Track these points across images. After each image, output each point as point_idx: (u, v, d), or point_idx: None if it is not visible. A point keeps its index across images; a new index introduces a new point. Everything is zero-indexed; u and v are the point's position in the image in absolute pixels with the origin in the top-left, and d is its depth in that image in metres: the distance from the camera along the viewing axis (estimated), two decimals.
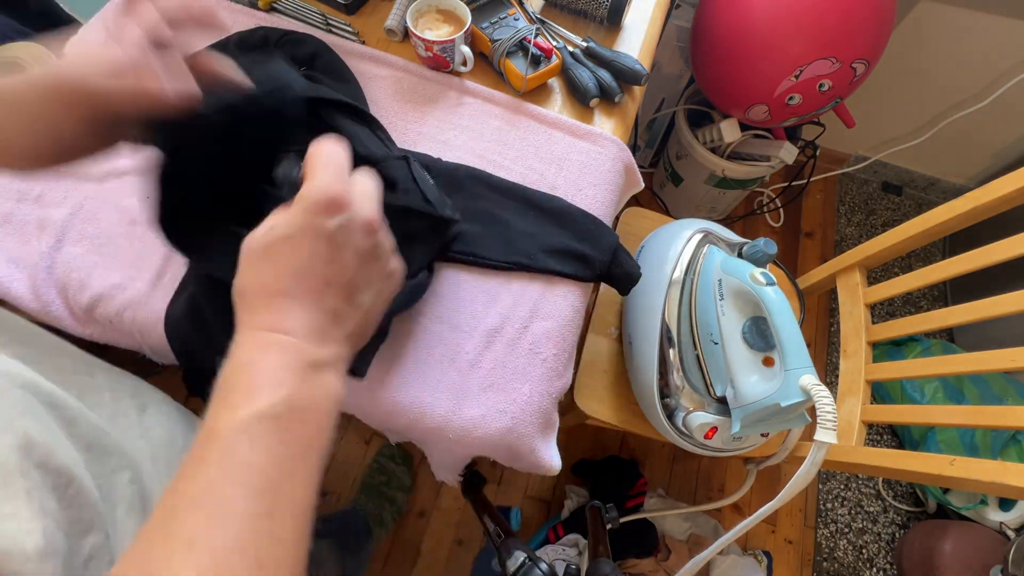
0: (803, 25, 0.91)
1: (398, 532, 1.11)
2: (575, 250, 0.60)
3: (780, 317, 0.57)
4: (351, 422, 1.19)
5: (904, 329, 0.76)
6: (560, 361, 0.58)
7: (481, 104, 0.70)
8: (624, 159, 0.70)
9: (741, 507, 1.22)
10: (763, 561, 1.14)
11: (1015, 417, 0.58)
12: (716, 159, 1.22)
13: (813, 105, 1.01)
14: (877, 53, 0.96)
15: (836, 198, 1.63)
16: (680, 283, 0.69)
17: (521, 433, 0.54)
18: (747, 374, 0.61)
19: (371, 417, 0.55)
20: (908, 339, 1.34)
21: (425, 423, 0.53)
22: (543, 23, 0.76)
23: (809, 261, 1.54)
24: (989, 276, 0.75)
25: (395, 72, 0.71)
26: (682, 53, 1.20)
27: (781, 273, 0.92)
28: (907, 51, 1.25)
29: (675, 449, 1.25)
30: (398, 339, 0.56)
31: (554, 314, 0.59)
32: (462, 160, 0.66)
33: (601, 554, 0.73)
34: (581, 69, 0.70)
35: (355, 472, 1.15)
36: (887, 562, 1.20)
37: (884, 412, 0.74)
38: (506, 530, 0.68)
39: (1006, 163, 1.41)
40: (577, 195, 0.65)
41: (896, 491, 1.27)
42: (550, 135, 0.68)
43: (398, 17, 0.71)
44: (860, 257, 0.83)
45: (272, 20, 0.73)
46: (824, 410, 0.50)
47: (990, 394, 1.17)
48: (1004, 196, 0.64)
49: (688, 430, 0.67)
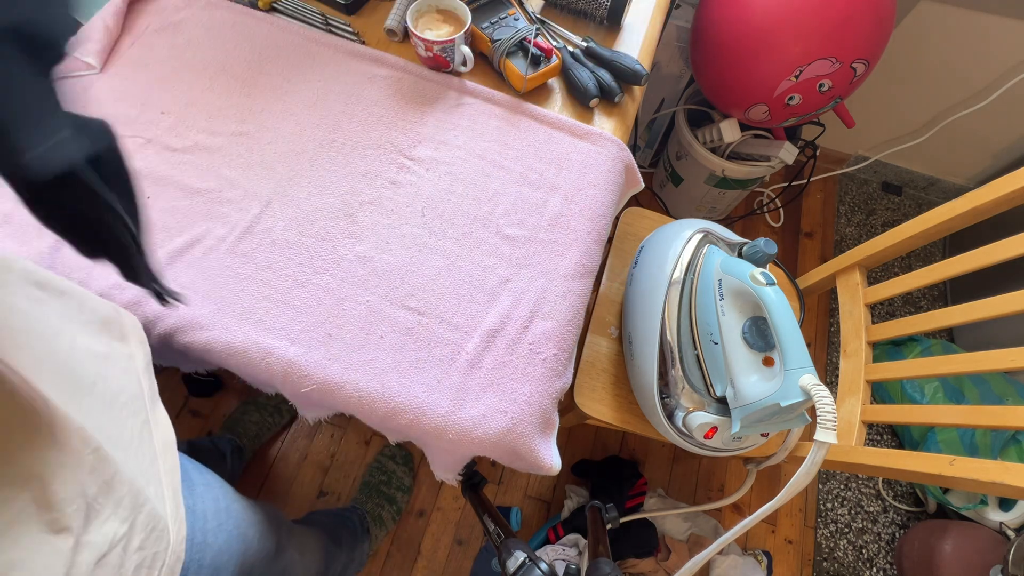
0: (803, 25, 0.91)
1: (398, 532, 1.11)
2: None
3: (780, 317, 0.57)
4: (351, 422, 1.19)
5: (904, 329, 0.76)
6: (560, 361, 0.58)
7: (481, 104, 0.70)
8: (624, 159, 0.70)
9: (741, 507, 1.22)
10: (763, 561, 1.14)
11: (1015, 417, 0.58)
12: (716, 159, 1.22)
13: (813, 105, 1.01)
14: (877, 53, 0.96)
15: (836, 198, 1.63)
16: (680, 283, 0.69)
17: (521, 433, 0.54)
18: (747, 374, 0.61)
19: (371, 417, 0.55)
20: (908, 339, 1.34)
21: (425, 423, 0.53)
22: (543, 23, 0.76)
23: (809, 261, 1.53)
24: (989, 276, 0.75)
25: (395, 72, 0.71)
26: (682, 53, 1.20)
27: (781, 273, 0.92)
28: (907, 51, 1.25)
29: (675, 449, 1.25)
30: (398, 339, 0.56)
31: (554, 314, 0.59)
32: (462, 160, 0.66)
33: (601, 554, 0.73)
34: (581, 69, 0.70)
35: (355, 472, 1.15)
36: (887, 562, 1.20)
37: (884, 412, 0.74)
38: (506, 530, 0.68)
39: (1006, 163, 1.41)
40: (577, 195, 0.65)
41: (896, 491, 1.27)
42: (550, 135, 0.68)
43: (398, 17, 0.71)
44: (860, 257, 0.83)
45: (272, 20, 0.73)
46: (824, 410, 0.50)
47: (990, 394, 1.17)
48: (1004, 196, 0.64)
49: (688, 430, 0.67)
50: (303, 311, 0.57)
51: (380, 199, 0.63)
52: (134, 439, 0.38)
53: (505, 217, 0.64)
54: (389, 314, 0.57)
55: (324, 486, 1.13)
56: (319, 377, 0.54)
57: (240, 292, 0.57)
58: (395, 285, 0.59)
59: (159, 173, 0.62)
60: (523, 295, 0.60)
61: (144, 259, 0.38)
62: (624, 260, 0.91)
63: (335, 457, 1.16)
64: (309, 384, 0.54)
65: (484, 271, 0.61)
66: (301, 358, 0.54)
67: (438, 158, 0.66)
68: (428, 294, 0.59)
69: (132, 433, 0.39)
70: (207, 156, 0.64)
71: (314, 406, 0.59)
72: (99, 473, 0.33)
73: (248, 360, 0.54)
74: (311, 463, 1.15)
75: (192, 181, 0.62)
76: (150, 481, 0.39)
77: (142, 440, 0.40)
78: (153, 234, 0.59)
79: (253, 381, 0.58)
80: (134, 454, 0.38)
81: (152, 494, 0.39)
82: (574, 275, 0.62)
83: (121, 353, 0.41)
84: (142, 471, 0.38)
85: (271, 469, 1.14)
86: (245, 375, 0.57)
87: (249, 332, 0.55)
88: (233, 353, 0.54)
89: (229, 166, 0.63)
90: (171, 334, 0.55)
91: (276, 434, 1.16)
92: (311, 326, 0.56)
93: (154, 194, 0.61)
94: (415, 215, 0.63)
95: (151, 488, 0.39)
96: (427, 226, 0.62)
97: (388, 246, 0.61)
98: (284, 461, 1.15)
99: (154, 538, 0.37)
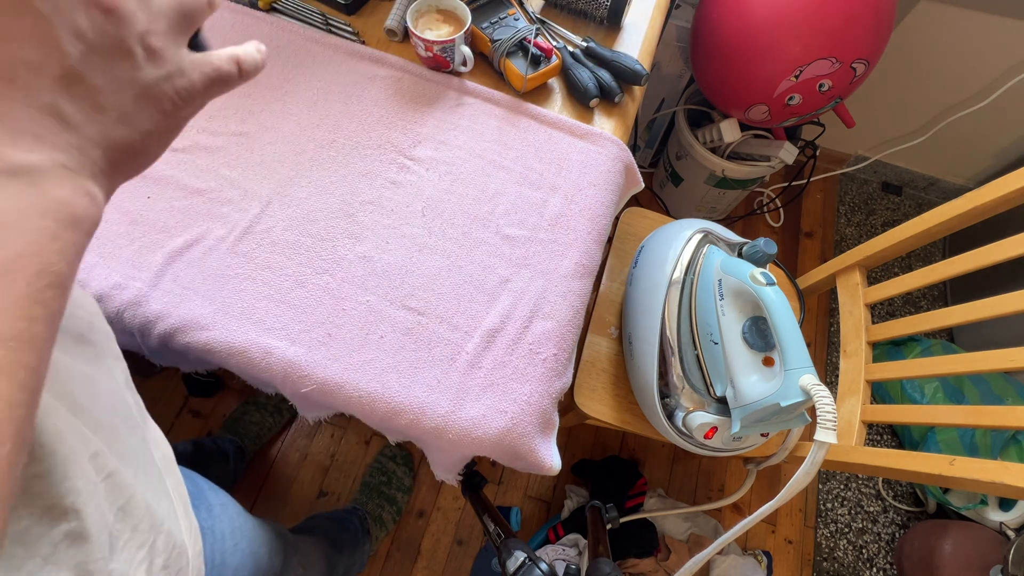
0: (803, 25, 0.91)
1: (398, 532, 1.11)
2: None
3: (780, 317, 0.57)
4: (351, 422, 1.19)
5: (904, 329, 0.76)
6: (560, 361, 0.58)
7: (481, 104, 0.70)
8: (624, 159, 0.70)
9: (741, 507, 1.22)
10: (763, 561, 1.14)
11: (1015, 417, 0.58)
12: (716, 159, 1.22)
13: (813, 105, 1.01)
14: (877, 53, 0.96)
15: (836, 198, 1.63)
16: (680, 283, 0.69)
17: (521, 433, 0.54)
18: (747, 374, 0.61)
19: (371, 417, 0.55)
20: (908, 339, 1.34)
21: (425, 423, 0.53)
22: (543, 23, 0.76)
23: (809, 261, 1.53)
24: (989, 276, 0.75)
25: (395, 72, 0.71)
26: (682, 53, 1.20)
27: (781, 273, 0.92)
28: (907, 51, 1.25)
29: (675, 449, 1.25)
30: (398, 339, 0.56)
31: (554, 314, 0.59)
32: (462, 160, 0.66)
33: (601, 554, 0.73)
34: (581, 69, 0.70)
35: (355, 472, 1.15)
36: (887, 562, 1.20)
37: (884, 412, 0.74)
38: (506, 530, 0.68)
39: (1006, 163, 1.41)
40: (577, 195, 0.65)
41: (896, 491, 1.27)
42: (550, 135, 0.68)
43: (398, 17, 0.71)
44: (860, 257, 0.83)
45: (272, 20, 0.73)
46: (824, 410, 0.50)
47: (990, 394, 1.17)
48: (1004, 196, 0.64)
49: (688, 430, 0.67)
50: (303, 311, 0.57)
51: (380, 199, 0.63)
52: (136, 458, 0.37)
53: (505, 217, 0.64)
54: (389, 314, 0.57)
55: (324, 486, 1.13)
56: (319, 377, 0.54)
57: (240, 292, 0.57)
58: (395, 285, 0.59)
59: (159, 173, 0.62)
60: (523, 295, 0.60)
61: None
62: (624, 260, 0.91)
63: (335, 457, 1.16)
64: (309, 384, 0.54)
65: (484, 271, 0.61)
66: (301, 358, 0.54)
67: (438, 158, 0.66)
68: (428, 294, 0.59)
69: (134, 452, 0.37)
70: (207, 156, 0.64)
71: (314, 406, 0.59)
72: (114, 499, 0.32)
73: (248, 360, 0.54)
74: (311, 463, 1.15)
75: (192, 181, 0.62)
76: (161, 499, 0.38)
77: (144, 458, 0.39)
78: (153, 234, 0.59)
79: (253, 381, 0.58)
80: (143, 474, 0.37)
81: (165, 512, 0.38)
82: (574, 275, 0.62)
83: (101, 370, 0.39)
84: (152, 489, 0.38)
85: (271, 469, 1.14)
86: (245, 375, 0.57)
87: (249, 332, 0.55)
88: (233, 353, 0.54)
89: (229, 166, 0.63)
90: (171, 334, 0.55)
91: (276, 434, 1.16)
92: (311, 326, 0.56)
93: (154, 194, 0.61)
94: (415, 215, 0.63)
95: (163, 505, 0.38)
96: (427, 226, 0.62)
97: (388, 246, 0.61)
98: (284, 461, 1.15)
99: (175, 556, 0.37)
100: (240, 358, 0.54)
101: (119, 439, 0.35)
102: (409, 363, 0.55)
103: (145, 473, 0.38)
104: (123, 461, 0.34)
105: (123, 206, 0.59)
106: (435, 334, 0.57)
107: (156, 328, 0.55)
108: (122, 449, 0.35)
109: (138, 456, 0.38)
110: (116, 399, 0.38)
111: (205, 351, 0.55)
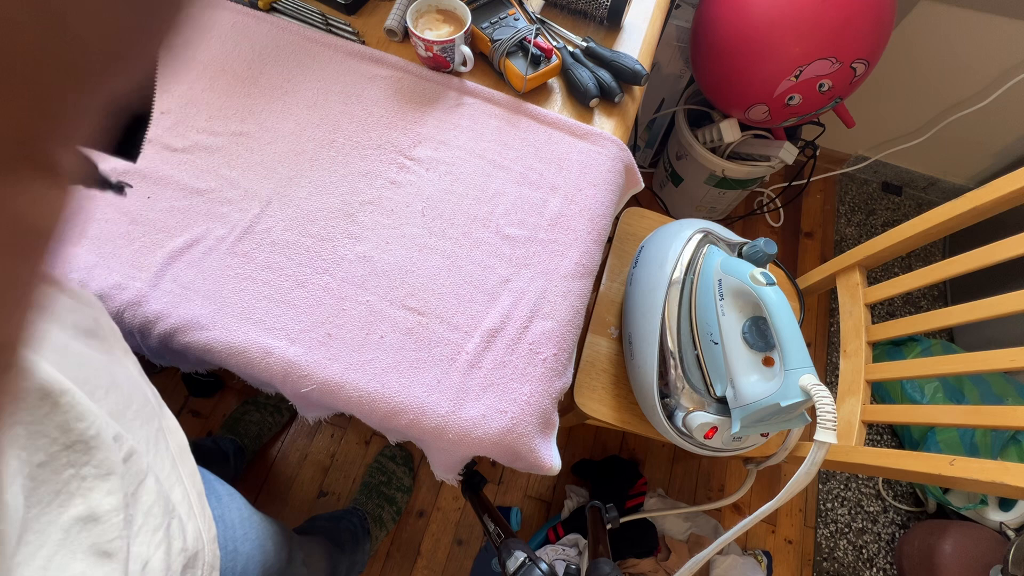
0: (803, 25, 0.91)
1: (398, 532, 1.11)
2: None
3: (780, 317, 0.57)
4: (351, 422, 1.19)
5: (904, 329, 0.76)
6: (560, 361, 0.58)
7: (481, 104, 0.70)
8: (624, 159, 0.70)
9: (741, 507, 1.22)
10: (763, 561, 1.14)
11: (1015, 417, 0.58)
12: (716, 159, 1.22)
13: (813, 105, 1.01)
14: (877, 53, 0.96)
15: (836, 198, 1.63)
16: (680, 283, 0.69)
17: (521, 433, 0.54)
18: (747, 374, 0.61)
19: (371, 417, 0.55)
20: (908, 339, 1.34)
21: (425, 423, 0.53)
22: (543, 23, 0.76)
23: (809, 261, 1.53)
24: (989, 276, 0.75)
25: (395, 72, 0.71)
26: (682, 53, 1.20)
27: (781, 273, 0.92)
28: (907, 51, 1.25)
29: (675, 449, 1.25)
30: (398, 339, 0.56)
31: (554, 314, 0.59)
32: (462, 160, 0.66)
33: (601, 554, 0.73)
34: (581, 69, 0.70)
35: (355, 472, 1.15)
36: (887, 562, 1.20)
37: (884, 412, 0.74)
38: (506, 530, 0.68)
39: (1006, 163, 1.41)
40: (577, 195, 0.65)
41: (896, 491, 1.27)
42: (550, 135, 0.68)
43: (398, 17, 0.71)
44: (860, 257, 0.83)
45: (272, 20, 0.73)
46: (824, 410, 0.50)
47: (990, 394, 1.17)
48: (1004, 196, 0.64)
49: (688, 430, 0.67)
50: (303, 311, 0.57)
51: (380, 199, 0.63)
52: (152, 446, 0.38)
53: (505, 217, 0.64)
54: (389, 314, 0.57)
55: (324, 486, 1.13)
56: (319, 377, 0.54)
57: (240, 292, 0.57)
58: (395, 285, 0.59)
59: (159, 173, 0.62)
60: (523, 295, 0.60)
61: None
62: (624, 260, 0.91)
63: (335, 457, 1.16)
64: (309, 384, 0.54)
65: (484, 271, 0.61)
66: (301, 358, 0.54)
67: (438, 158, 0.66)
68: (428, 294, 0.59)
69: (150, 440, 0.38)
70: (207, 156, 0.64)
71: (314, 406, 0.59)
72: (128, 481, 0.33)
73: (248, 360, 0.54)
74: (311, 463, 1.15)
75: (192, 181, 0.62)
76: (174, 486, 0.39)
77: (159, 446, 0.39)
78: (153, 234, 0.59)
79: (253, 381, 0.58)
80: (158, 461, 0.38)
81: (179, 498, 0.39)
82: (574, 275, 0.62)
83: (113, 361, 0.40)
84: (165, 476, 0.38)
85: (271, 469, 1.14)
86: (245, 375, 0.57)
87: (249, 332, 0.55)
88: (233, 353, 0.54)
89: (229, 166, 0.63)
90: (171, 334, 0.55)
91: (276, 434, 1.16)
92: (311, 326, 0.56)
93: (154, 194, 0.61)
94: (415, 215, 0.63)
95: (176, 492, 0.39)
96: (427, 226, 0.62)
97: (388, 246, 0.61)
98: (284, 461, 1.15)
99: (191, 540, 0.38)
100: (240, 358, 0.54)
101: (133, 428, 0.36)
102: (409, 363, 0.55)
103: (160, 460, 0.38)
104: (140, 448, 0.35)
105: (123, 206, 0.59)
106: (435, 334, 0.57)
107: (156, 328, 0.55)
108: (139, 436, 0.36)
109: (151, 444, 0.38)
110: (133, 387, 0.39)
111: (205, 351, 0.55)
